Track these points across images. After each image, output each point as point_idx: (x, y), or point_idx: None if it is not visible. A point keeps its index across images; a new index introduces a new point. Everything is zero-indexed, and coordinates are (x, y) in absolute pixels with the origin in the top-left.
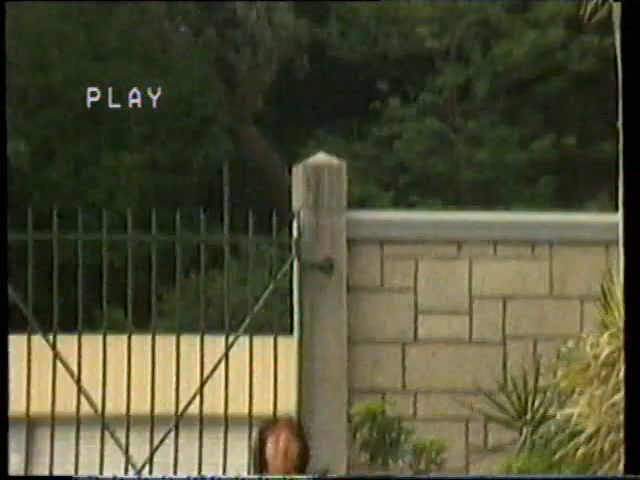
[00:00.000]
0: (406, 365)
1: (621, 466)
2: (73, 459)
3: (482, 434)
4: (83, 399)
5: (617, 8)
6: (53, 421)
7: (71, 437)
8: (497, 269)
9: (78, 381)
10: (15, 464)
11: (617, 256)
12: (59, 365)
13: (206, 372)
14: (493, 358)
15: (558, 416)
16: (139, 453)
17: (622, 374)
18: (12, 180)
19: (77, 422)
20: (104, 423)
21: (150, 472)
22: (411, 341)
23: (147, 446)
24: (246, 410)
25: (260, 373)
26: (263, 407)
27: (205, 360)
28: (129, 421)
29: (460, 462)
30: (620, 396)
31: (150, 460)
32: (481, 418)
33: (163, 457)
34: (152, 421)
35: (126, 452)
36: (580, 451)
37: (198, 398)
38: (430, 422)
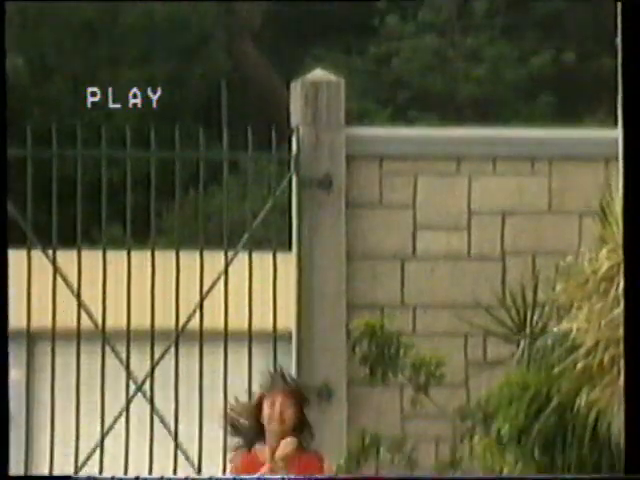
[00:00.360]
0: (405, 280)
1: (621, 379)
2: (74, 373)
3: (481, 348)
4: (83, 314)
5: None
6: (54, 336)
7: (72, 352)
8: (496, 185)
9: (78, 296)
10: (16, 379)
11: (616, 171)
12: (59, 280)
13: (205, 287)
14: (492, 273)
15: (555, 330)
16: (140, 368)
17: (621, 288)
18: (11, 96)
19: (78, 337)
20: (105, 338)
21: (151, 387)
22: (410, 257)
23: (148, 361)
24: (245, 325)
25: (259, 289)
26: (262, 322)
27: (204, 276)
28: (129, 336)
29: (459, 376)
30: (619, 310)
31: (151, 375)
32: (480, 332)
33: (163, 372)
34: (152, 336)
35: (127, 367)
36: (579, 365)
37: (198, 313)
38: (429, 337)
